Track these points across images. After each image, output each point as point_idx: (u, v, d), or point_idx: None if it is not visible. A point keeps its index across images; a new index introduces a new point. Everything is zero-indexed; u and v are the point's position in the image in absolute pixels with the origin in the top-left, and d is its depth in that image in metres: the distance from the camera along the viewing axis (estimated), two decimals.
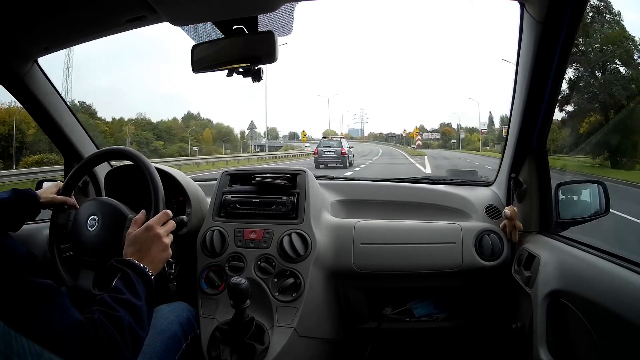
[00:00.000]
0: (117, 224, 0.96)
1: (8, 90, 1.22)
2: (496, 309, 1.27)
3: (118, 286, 0.73)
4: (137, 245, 0.82)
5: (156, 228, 0.85)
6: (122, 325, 0.67)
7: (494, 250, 1.20)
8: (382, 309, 1.34)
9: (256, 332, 1.05)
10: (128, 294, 0.72)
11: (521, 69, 1.03)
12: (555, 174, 1.09)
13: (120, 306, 0.69)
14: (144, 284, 0.76)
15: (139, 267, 0.78)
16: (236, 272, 1.16)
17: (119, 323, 0.66)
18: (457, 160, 22.51)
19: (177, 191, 1.26)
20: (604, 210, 1.08)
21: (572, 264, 0.89)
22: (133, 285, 0.74)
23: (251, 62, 0.92)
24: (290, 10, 0.97)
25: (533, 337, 0.93)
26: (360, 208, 1.42)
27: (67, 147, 1.40)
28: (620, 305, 0.70)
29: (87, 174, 1.34)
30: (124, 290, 0.72)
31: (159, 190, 0.97)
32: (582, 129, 11.27)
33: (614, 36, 10.85)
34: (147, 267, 0.79)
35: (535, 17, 0.89)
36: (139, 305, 0.72)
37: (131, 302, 0.71)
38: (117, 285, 0.73)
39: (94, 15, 0.97)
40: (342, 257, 1.21)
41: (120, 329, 0.66)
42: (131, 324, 0.68)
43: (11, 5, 0.89)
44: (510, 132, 1.19)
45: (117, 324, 0.66)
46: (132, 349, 0.68)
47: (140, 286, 0.75)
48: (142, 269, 0.78)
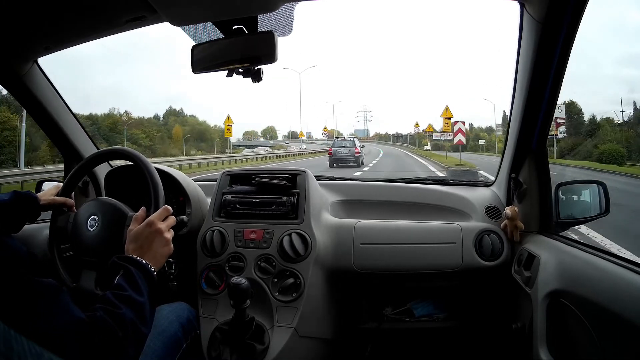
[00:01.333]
0: (118, 222, 0.96)
1: (8, 90, 1.22)
2: (496, 309, 1.27)
3: (120, 283, 0.73)
4: (139, 242, 0.83)
5: (157, 223, 0.85)
6: (125, 322, 0.67)
7: (494, 251, 1.20)
8: (382, 309, 1.34)
9: (256, 332, 1.05)
10: (130, 290, 0.72)
11: (521, 69, 1.03)
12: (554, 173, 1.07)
13: (123, 303, 0.69)
14: (146, 280, 0.76)
15: (141, 263, 0.78)
16: (236, 272, 1.16)
17: (122, 320, 0.66)
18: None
19: (177, 191, 1.26)
20: (604, 211, 1.08)
21: (572, 264, 0.89)
22: (135, 282, 0.74)
23: (251, 63, 0.92)
24: (290, 10, 0.97)
25: (533, 337, 0.93)
26: (360, 208, 1.42)
27: (67, 147, 1.40)
28: (620, 305, 0.70)
29: (87, 174, 1.34)
30: (126, 287, 0.72)
31: (159, 187, 0.97)
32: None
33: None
34: (149, 263, 0.79)
35: (535, 17, 0.89)
36: (142, 302, 0.72)
37: (133, 299, 0.71)
38: (120, 282, 0.73)
39: (94, 15, 0.97)
40: (342, 257, 1.21)
41: (122, 325, 0.66)
42: (134, 321, 0.68)
43: (11, 5, 0.89)
44: (510, 132, 1.18)
45: (119, 320, 0.66)
46: (134, 345, 0.68)
47: (142, 282, 0.75)
48: (144, 265, 0.78)
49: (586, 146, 14.39)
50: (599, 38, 50.93)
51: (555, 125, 12.50)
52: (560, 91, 0.98)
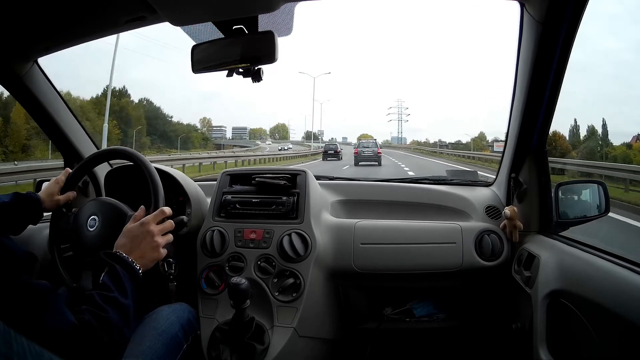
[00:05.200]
0: (118, 222, 0.96)
1: (8, 90, 1.22)
2: (496, 309, 1.27)
3: (105, 282, 0.73)
4: (128, 238, 0.82)
5: (150, 225, 0.85)
6: (110, 326, 0.67)
7: (494, 250, 1.20)
8: (382, 309, 1.34)
9: (256, 332, 1.05)
10: (115, 291, 0.72)
11: (521, 69, 1.03)
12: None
13: (109, 305, 0.69)
14: (130, 278, 0.76)
15: (127, 262, 0.77)
16: (236, 272, 1.16)
17: (108, 324, 0.67)
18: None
19: (177, 191, 1.25)
20: (604, 211, 1.08)
21: (572, 264, 0.89)
22: (120, 282, 0.73)
23: (251, 62, 0.92)
24: (290, 10, 0.97)
25: (533, 337, 0.93)
26: (360, 208, 1.42)
27: (67, 147, 1.40)
28: (620, 305, 0.70)
29: (87, 174, 1.34)
30: (111, 287, 0.72)
31: (158, 187, 0.97)
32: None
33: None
34: (134, 261, 0.78)
35: (535, 17, 0.89)
36: (126, 305, 0.72)
37: (118, 301, 0.71)
38: (105, 280, 0.73)
39: (94, 15, 0.98)
40: (342, 257, 1.21)
41: (108, 330, 0.66)
42: (118, 325, 0.68)
43: (11, 5, 0.89)
44: (510, 132, 1.18)
45: (105, 324, 0.66)
46: (118, 349, 0.69)
47: (127, 282, 0.74)
48: (129, 264, 0.77)
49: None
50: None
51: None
52: (560, 91, 0.98)
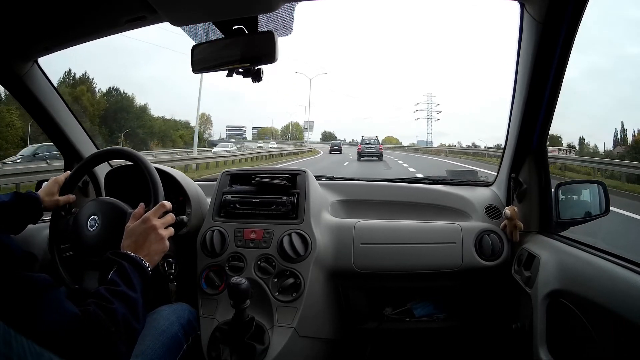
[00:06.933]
0: (118, 221, 0.96)
1: (8, 90, 1.22)
2: (496, 309, 1.27)
3: (114, 278, 0.73)
4: (134, 237, 0.83)
5: (152, 220, 0.85)
6: (117, 317, 0.67)
7: (494, 250, 1.20)
8: (382, 309, 1.34)
9: (256, 332, 1.05)
10: (123, 286, 0.72)
11: (521, 69, 1.03)
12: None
13: (115, 298, 0.69)
14: (139, 275, 0.76)
15: (135, 259, 0.78)
16: (236, 272, 1.16)
17: (114, 315, 0.67)
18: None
19: (177, 191, 1.25)
20: (604, 211, 1.08)
21: (572, 264, 0.89)
22: (128, 278, 0.74)
23: (251, 62, 0.92)
24: (290, 10, 0.97)
25: (533, 337, 0.93)
26: (360, 208, 1.42)
27: (67, 147, 1.40)
28: (620, 305, 0.70)
29: (87, 174, 1.34)
30: (119, 282, 0.73)
31: (158, 186, 0.97)
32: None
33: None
34: (143, 259, 0.79)
35: (535, 17, 0.90)
36: (135, 298, 0.72)
37: (126, 294, 0.71)
38: (113, 277, 0.74)
39: (94, 15, 0.98)
40: (342, 257, 1.21)
41: (114, 320, 0.66)
42: (126, 316, 0.68)
43: (11, 5, 0.89)
44: (510, 132, 1.18)
45: (111, 315, 0.66)
46: (126, 341, 0.68)
47: (136, 278, 0.75)
48: (138, 261, 0.78)
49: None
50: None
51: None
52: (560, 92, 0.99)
